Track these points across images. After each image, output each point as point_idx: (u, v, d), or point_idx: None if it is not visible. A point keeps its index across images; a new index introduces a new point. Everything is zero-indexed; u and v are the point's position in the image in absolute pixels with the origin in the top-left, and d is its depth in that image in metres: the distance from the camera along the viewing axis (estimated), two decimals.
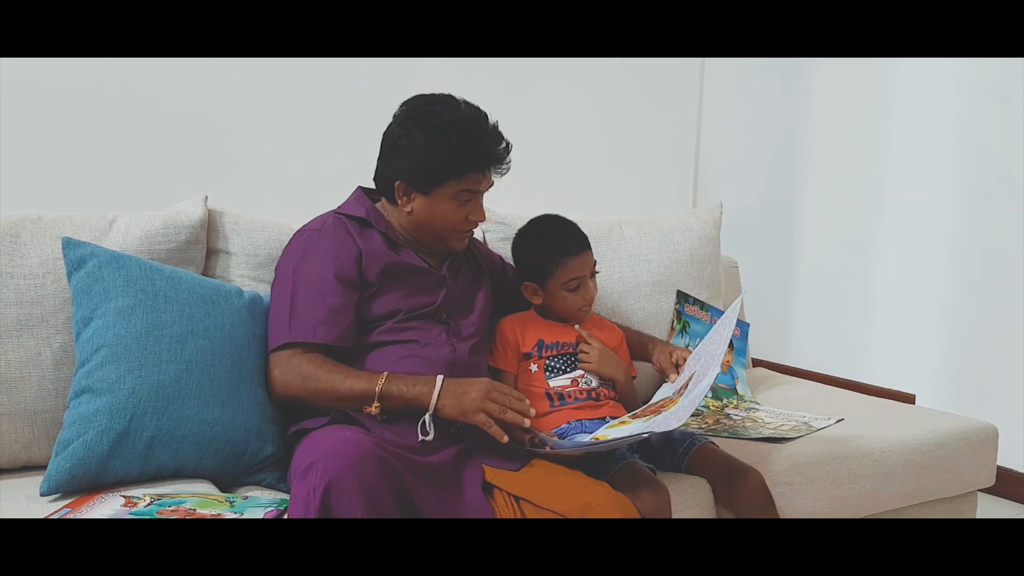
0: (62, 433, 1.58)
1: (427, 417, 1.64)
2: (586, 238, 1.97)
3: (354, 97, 3.04)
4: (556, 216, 2.03)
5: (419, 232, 1.84)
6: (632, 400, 1.97)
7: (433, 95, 1.83)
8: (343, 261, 1.77)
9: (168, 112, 2.80)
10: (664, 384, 1.92)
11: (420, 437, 1.63)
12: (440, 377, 1.67)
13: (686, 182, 3.99)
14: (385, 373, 1.67)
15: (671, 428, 1.57)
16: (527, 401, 1.67)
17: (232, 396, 1.68)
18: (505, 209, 2.26)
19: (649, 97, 3.74)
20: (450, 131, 1.75)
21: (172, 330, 1.65)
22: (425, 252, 1.88)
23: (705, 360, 1.75)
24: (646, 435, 1.63)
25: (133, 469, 1.59)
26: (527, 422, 1.63)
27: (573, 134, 3.46)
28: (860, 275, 3.40)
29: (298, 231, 1.87)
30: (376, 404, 1.65)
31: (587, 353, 1.93)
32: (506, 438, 1.62)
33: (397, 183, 1.80)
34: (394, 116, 1.83)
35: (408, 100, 1.83)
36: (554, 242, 1.95)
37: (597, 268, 1.99)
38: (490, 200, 1.90)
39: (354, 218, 1.84)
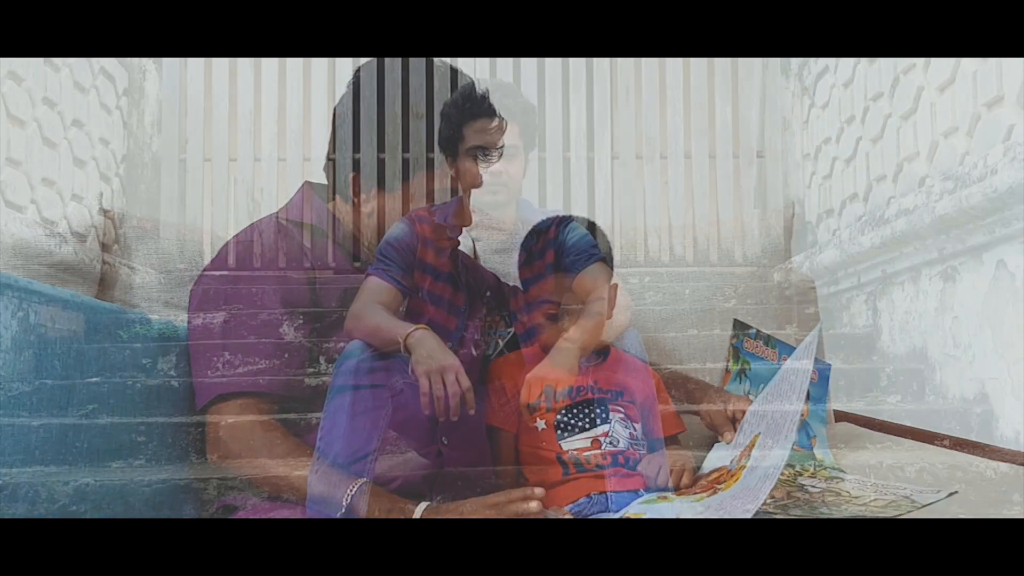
0: None
1: None
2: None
3: (301, 70, 3.06)
4: None
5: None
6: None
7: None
8: (290, 283, 1.79)
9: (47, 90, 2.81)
10: (716, 445, 1.92)
11: None
12: (422, 505, 1.67)
13: (747, 175, 4.00)
14: (360, 481, 1.66)
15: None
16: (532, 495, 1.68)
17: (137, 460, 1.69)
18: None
19: (696, 73, 3.77)
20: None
21: (55, 373, 1.66)
22: None
23: (774, 418, 1.74)
24: None
25: None
26: (536, 506, 1.66)
27: (596, 120, 3.49)
28: (979, 294, 3.41)
29: (226, 244, 1.89)
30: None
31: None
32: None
33: (352, 175, 1.82)
34: (348, 85, 1.86)
35: (365, 64, 1.85)
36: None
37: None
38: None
39: (302, 225, 1.86)
